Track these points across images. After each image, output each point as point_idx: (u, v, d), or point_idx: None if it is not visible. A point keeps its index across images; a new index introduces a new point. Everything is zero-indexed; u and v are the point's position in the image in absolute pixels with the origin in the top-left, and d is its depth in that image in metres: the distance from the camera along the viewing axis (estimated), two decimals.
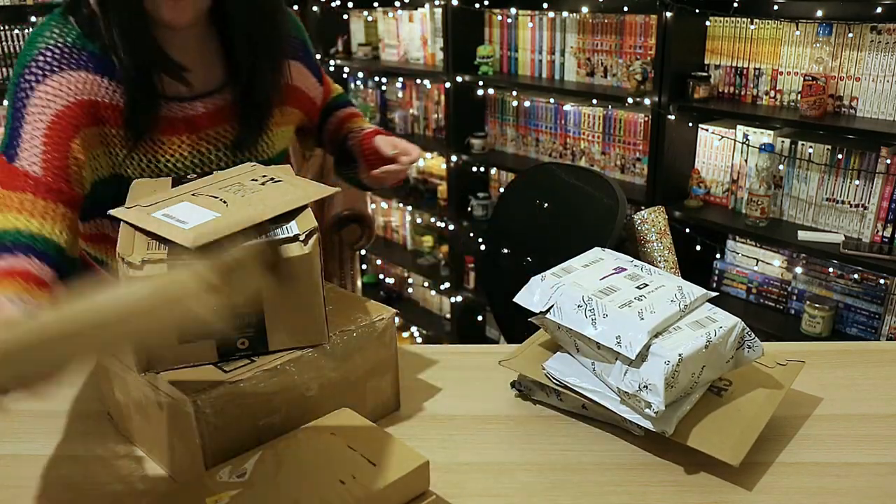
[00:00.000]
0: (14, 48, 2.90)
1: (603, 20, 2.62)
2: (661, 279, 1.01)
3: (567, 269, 1.05)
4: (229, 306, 0.64)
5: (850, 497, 0.88)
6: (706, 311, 0.97)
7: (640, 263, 1.05)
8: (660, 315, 0.92)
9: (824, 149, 2.18)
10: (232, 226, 0.88)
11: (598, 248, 1.11)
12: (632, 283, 0.99)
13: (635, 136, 2.62)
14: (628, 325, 0.91)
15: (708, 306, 0.99)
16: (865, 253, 2.04)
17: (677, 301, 0.95)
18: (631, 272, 1.03)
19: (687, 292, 0.97)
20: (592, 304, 0.95)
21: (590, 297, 0.96)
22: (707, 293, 0.99)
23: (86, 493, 0.91)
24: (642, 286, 0.99)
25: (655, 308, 0.94)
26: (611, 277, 1.01)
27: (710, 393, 0.97)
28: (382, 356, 1.03)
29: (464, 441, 1.00)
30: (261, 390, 0.89)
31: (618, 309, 0.94)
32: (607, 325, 0.92)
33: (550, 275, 1.03)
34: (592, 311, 0.94)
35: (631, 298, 0.96)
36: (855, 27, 2.06)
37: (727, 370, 0.97)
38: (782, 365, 1.03)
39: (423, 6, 3.18)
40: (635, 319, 0.92)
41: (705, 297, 0.99)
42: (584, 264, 1.05)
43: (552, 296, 0.99)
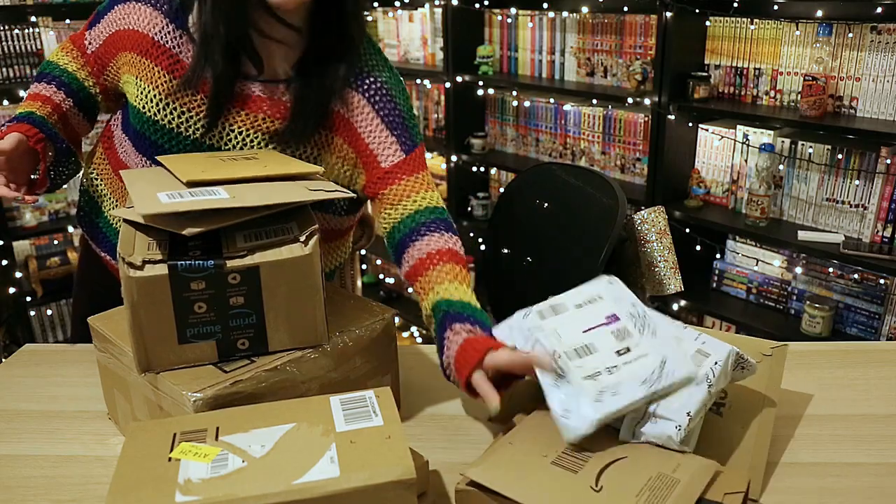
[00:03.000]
0: (14, 48, 2.90)
1: (603, 20, 2.62)
2: (649, 345, 0.90)
3: (558, 307, 0.95)
4: None
5: (850, 497, 0.88)
6: (696, 344, 0.93)
7: (639, 311, 0.94)
8: (621, 400, 0.85)
9: (824, 149, 2.18)
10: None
11: (606, 278, 1.00)
12: (614, 345, 0.90)
13: (635, 136, 2.62)
14: (582, 405, 0.85)
15: (694, 334, 0.95)
16: (865, 253, 2.04)
17: (649, 383, 0.86)
18: (621, 326, 0.92)
19: (667, 373, 0.87)
20: (561, 362, 0.88)
21: (561, 354, 0.89)
22: (689, 376, 0.87)
23: (86, 493, 0.91)
24: (624, 351, 0.89)
25: (621, 389, 0.86)
26: (596, 331, 0.91)
27: (710, 413, 0.96)
28: (382, 356, 1.03)
29: (464, 441, 1.00)
30: (261, 390, 0.89)
31: (581, 380, 0.86)
32: (564, 394, 0.86)
33: (535, 313, 0.94)
34: (559, 370, 0.88)
35: (601, 368, 0.87)
36: (855, 27, 2.06)
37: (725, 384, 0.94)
38: (768, 355, 1.01)
39: (423, 6, 3.18)
40: (590, 400, 0.85)
41: (687, 381, 0.87)
42: (579, 303, 0.96)
43: (529, 339, 0.92)
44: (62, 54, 1.25)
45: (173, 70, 1.14)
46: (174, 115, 1.14)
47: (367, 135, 1.17)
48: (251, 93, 1.15)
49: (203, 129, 1.15)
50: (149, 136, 1.17)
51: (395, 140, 1.17)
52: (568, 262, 1.62)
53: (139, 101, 1.16)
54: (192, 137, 1.15)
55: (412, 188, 1.16)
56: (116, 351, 0.96)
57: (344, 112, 1.17)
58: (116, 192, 1.28)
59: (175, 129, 1.15)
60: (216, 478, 0.73)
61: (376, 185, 1.17)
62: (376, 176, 1.17)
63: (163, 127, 1.15)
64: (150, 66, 1.15)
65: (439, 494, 0.89)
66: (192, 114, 1.14)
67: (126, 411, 0.99)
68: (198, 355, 0.91)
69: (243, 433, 0.79)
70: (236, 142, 1.15)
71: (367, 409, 0.83)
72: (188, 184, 0.93)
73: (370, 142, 1.17)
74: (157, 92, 1.14)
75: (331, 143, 1.18)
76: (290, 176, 0.99)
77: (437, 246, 1.10)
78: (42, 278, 3.13)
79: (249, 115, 1.15)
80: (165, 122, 1.15)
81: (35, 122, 1.14)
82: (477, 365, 0.92)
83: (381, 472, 0.73)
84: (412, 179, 1.17)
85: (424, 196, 1.16)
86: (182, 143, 1.16)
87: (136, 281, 0.85)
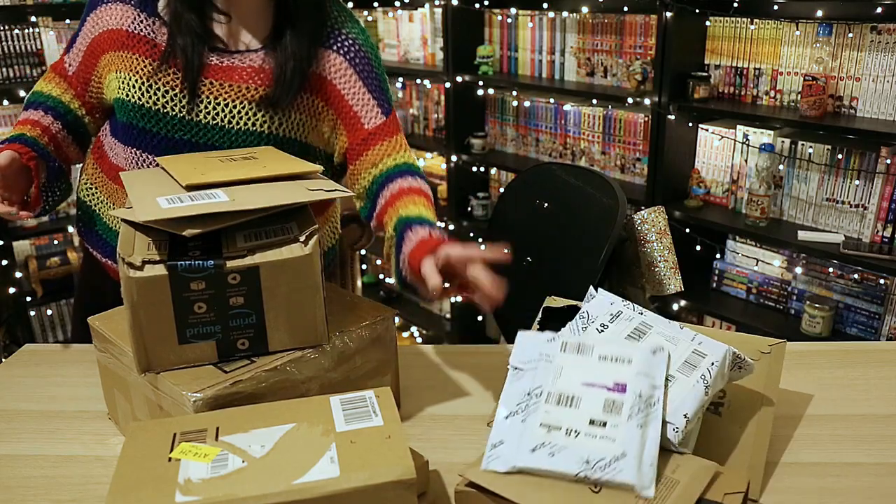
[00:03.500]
0: (14, 48, 2.90)
1: (603, 20, 2.62)
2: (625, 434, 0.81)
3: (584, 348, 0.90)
4: None
5: (850, 497, 0.88)
6: (693, 344, 0.92)
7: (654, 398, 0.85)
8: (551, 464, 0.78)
9: (824, 149, 2.18)
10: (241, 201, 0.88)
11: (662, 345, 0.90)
12: (597, 412, 0.83)
13: (635, 136, 2.62)
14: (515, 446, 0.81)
15: (690, 334, 0.94)
16: (865, 253, 2.04)
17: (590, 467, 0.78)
18: (618, 400, 0.84)
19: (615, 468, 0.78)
20: (536, 401, 0.85)
21: (544, 392, 0.85)
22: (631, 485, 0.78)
23: (86, 493, 0.91)
24: (599, 424, 0.82)
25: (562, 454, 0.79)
26: (595, 389, 0.85)
27: (708, 412, 0.95)
28: (382, 356, 1.03)
29: (464, 441, 1.00)
30: (261, 390, 0.89)
31: (536, 425, 0.82)
32: (508, 426, 0.83)
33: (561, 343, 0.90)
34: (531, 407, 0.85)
35: (564, 426, 0.82)
36: (855, 27, 2.06)
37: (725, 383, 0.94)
38: (767, 353, 1.01)
39: (423, 6, 3.18)
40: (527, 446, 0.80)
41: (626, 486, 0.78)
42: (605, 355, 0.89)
43: (538, 358, 0.90)
44: (45, 83, 1.28)
45: (152, 55, 1.17)
46: (157, 95, 1.16)
47: (351, 97, 1.21)
48: (232, 64, 1.18)
49: (186, 104, 1.16)
50: (136, 125, 1.19)
51: (375, 103, 1.22)
52: (568, 262, 1.62)
53: (122, 91, 1.18)
54: (178, 116, 1.17)
55: (392, 149, 1.22)
56: (116, 351, 0.96)
57: (324, 73, 1.21)
58: (113, 197, 1.29)
59: (161, 109, 1.17)
60: (216, 478, 0.73)
61: (359, 147, 1.22)
62: (360, 137, 1.21)
63: (148, 110, 1.17)
64: (129, 56, 1.18)
65: (439, 494, 0.89)
66: (176, 91, 1.16)
67: (126, 411, 0.99)
68: (198, 355, 0.91)
69: (243, 433, 0.79)
70: (224, 114, 1.17)
71: (367, 409, 0.83)
72: (187, 188, 0.93)
73: (353, 104, 1.22)
74: (137, 77, 1.17)
75: (314, 105, 1.21)
76: (290, 175, 0.99)
77: (405, 185, 1.17)
78: (42, 278, 3.13)
79: (233, 87, 1.17)
80: (150, 105, 1.17)
81: (26, 142, 1.17)
82: (429, 252, 0.98)
83: (381, 472, 0.73)
84: (392, 141, 1.22)
85: (402, 156, 1.23)
86: (170, 124, 1.17)
87: (136, 281, 0.85)
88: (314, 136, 1.24)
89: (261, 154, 1.10)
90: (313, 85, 1.20)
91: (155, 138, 1.18)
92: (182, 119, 1.17)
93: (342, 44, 1.21)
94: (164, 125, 1.17)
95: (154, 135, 1.18)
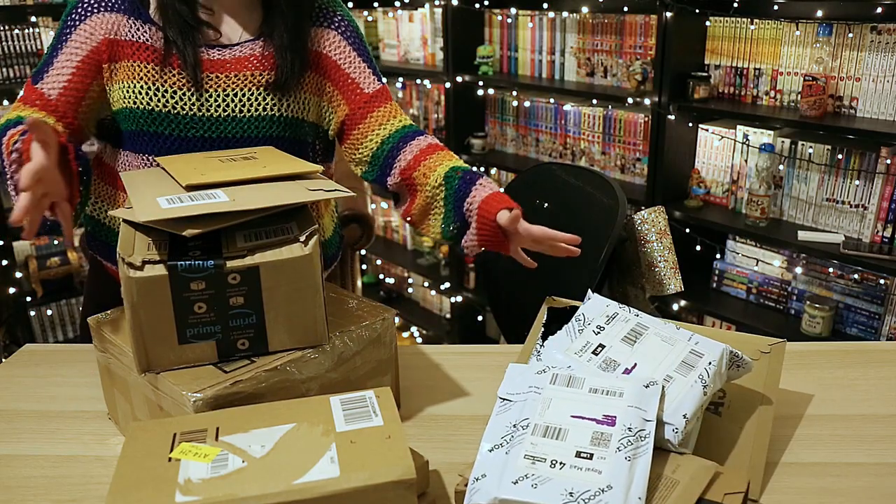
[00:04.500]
0: (14, 48, 2.90)
1: (603, 20, 2.62)
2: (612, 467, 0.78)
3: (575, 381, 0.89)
4: None
5: (850, 497, 0.88)
6: (689, 344, 0.92)
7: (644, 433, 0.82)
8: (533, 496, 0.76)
9: (824, 149, 2.18)
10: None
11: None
12: (584, 444, 0.81)
13: (635, 136, 2.62)
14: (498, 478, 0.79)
15: (687, 335, 0.94)
16: (865, 253, 2.04)
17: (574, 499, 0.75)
18: (607, 433, 0.82)
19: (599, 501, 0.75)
20: (522, 433, 0.83)
21: (530, 424, 0.84)
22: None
23: (86, 493, 0.91)
24: (586, 456, 0.80)
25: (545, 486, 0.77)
26: (583, 422, 0.83)
27: (708, 412, 0.95)
28: (382, 356, 1.03)
29: (464, 441, 1.00)
30: (261, 390, 0.89)
31: (520, 457, 0.80)
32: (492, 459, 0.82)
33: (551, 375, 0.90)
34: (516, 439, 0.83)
35: (549, 457, 0.80)
36: (855, 27, 2.06)
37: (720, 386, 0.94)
38: (766, 353, 1.01)
39: (423, 6, 3.17)
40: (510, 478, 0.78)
41: None
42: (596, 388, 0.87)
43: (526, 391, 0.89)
44: (15, 112, 1.15)
45: (153, 59, 1.17)
46: (165, 97, 1.17)
47: (348, 65, 1.26)
48: (233, 56, 1.20)
49: (196, 100, 1.17)
50: (147, 130, 1.18)
51: (370, 71, 1.28)
52: (568, 262, 1.62)
53: (129, 99, 1.17)
54: (189, 114, 1.18)
55: (392, 113, 1.28)
56: (116, 351, 0.96)
57: (320, 48, 1.25)
58: None
59: (171, 110, 1.17)
60: (216, 478, 0.73)
61: (360, 111, 1.26)
62: (362, 101, 1.26)
63: (158, 113, 1.17)
64: (130, 64, 1.17)
65: (439, 494, 0.89)
66: (184, 90, 1.17)
67: (126, 411, 0.99)
68: (198, 355, 0.91)
69: (243, 433, 0.79)
70: (234, 103, 1.19)
71: (367, 409, 0.83)
72: (187, 188, 0.93)
73: (350, 71, 1.26)
74: (142, 83, 1.17)
75: (317, 83, 1.25)
76: (290, 176, 0.99)
77: (430, 142, 1.27)
78: (42, 278, 3.13)
79: (239, 76, 1.19)
80: (160, 108, 1.17)
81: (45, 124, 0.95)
82: (506, 206, 1.09)
83: (381, 472, 0.73)
84: (390, 105, 1.28)
85: (406, 119, 1.30)
86: (181, 124, 1.18)
87: (136, 281, 0.85)
88: (314, 111, 1.27)
89: (261, 154, 1.10)
90: (314, 62, 1.25)
91: (167, 140, 1.18)
92: (193, 116, 1.17)
93: (333, 20, 1.27)
94: (176, 126, 1.17)
95: (166, 137, 1.18)
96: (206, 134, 1.18)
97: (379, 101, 1.27)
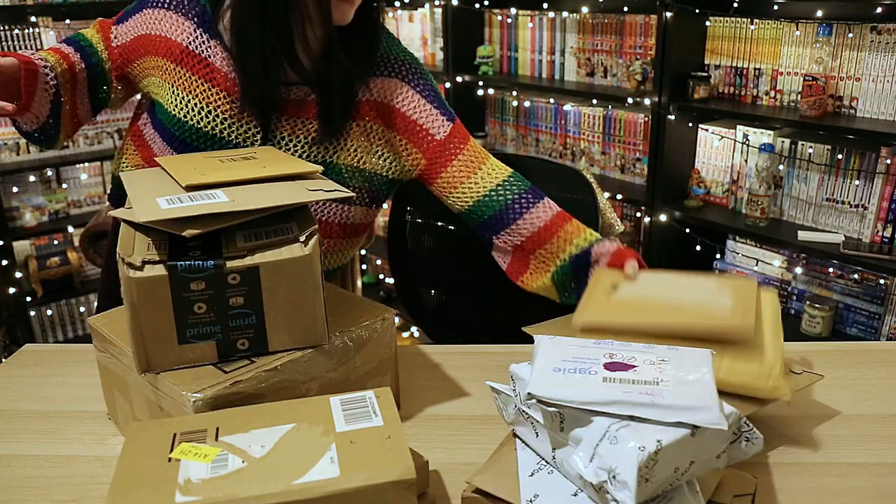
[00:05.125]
0: (14, 48, 2.90)
1: (603, 20, 2.62)
2: None
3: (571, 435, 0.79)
4: None
5: (850, 497, 0.88)
6: None
7: None
8: None
9: (824, 149, 2.18)
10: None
11: None
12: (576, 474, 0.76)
13: (635, 136, 2.62)
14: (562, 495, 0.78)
15: None
16: (865, 253, 2.04)
17: None
18: None
19: None
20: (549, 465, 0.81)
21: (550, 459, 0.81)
22: None
23: (86, 493, 0.91)
24: None
25: None
26: None
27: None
28: (382, 356, 1.03)
29: (464, 441, 1.00)
30: (261, 390, 0.89)
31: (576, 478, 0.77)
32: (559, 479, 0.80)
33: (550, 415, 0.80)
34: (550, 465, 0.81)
35: None
36: (855, 27, 2.06)
37: (718, 465, 0.78)
38: (797, 373, 0.99)
39: (423, 6, 3.17)
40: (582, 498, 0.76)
41: None
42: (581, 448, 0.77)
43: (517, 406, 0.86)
44: (91, 30, 1.24)
45: (211, 79, 1.15)
46: (217, 121, 1.16)
47: (414, 112, 1.21)
48: (291, 97, 1.17)
49: (243, 131, 1.16)
50: (187, 140, 1.18)
51: (438, 112, 1.22)
52: None
53: (177, 108, 1.16)
54: (236, 142, 1.17)
55: (474, 159, 1.22)
56: (116, 351, 0.96)
57: (382, 98, 1.20)
58: None
59: (218, 134, 1.16)
60: (216, 478, 0.73)
61: (440, 158, 1.21)
62: (436, 151, 1.21)
63: (206, 133, 1.16)
64: (185, 74, 1.16)
65: (439, 495, 0.89)
66: (235, 121, 1.16)
67: (126, 411, 0.99)
68: (198, 355, 0.91)
69: (243, 433, 0.79)
70: (279, 145, 1.18)
71: (367, 409, 0.83)
72: (187, 188, 0.93)
73: (418, 118, 1.21)
74: (197, 101, 1.15)
75: (359, 129, 1.20)
76: (290, 176, 0.99)
77: (545, 216, 1.21)
78: (42, 278, 3.13)
79: (289, 121, 1.18)
80: (209, 129, 1.16)
81: (48, 65, 1.13)
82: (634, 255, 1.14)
83: (381, 472, 0.73)
84: (469, 149, 1.22)
85: (492, 167, 1.23)
86: (226, 146, 1.17)
87: (136, 281, 0.85)
88: (372, 161, 1.23)
89: (261, 154, 1.10)
90: (366, 111, 1.20)
91: (201, 150, 1.18)
92: (238, 144, 1.17)
93: (399, 68, 1.22)
94: (217, 145, 1.17)
95: (203, 150, 1.18)
96: None
97: (451, 152, 1.22)
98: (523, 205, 1.21)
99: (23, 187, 3.09)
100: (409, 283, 1.82)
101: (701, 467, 0.75)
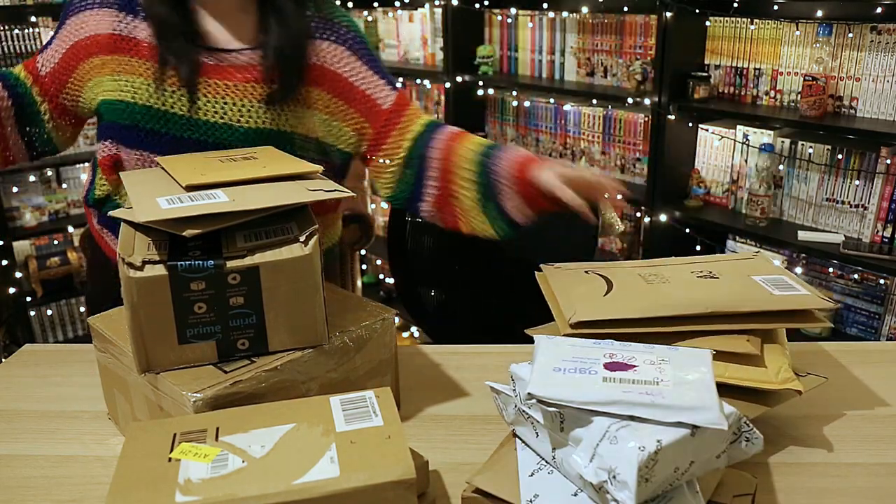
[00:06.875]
0: (14, 48, 2.90)
1: (603, 20, 2.62)
2: None
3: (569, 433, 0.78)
4: None
5: (850, 497, 0.88)
6: None
7: None
8: None
9: (824, 149, 2.18)
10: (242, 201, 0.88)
11: None
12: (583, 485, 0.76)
13: (635, 136, 2.62)
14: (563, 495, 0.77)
15: None
16: (865, 253, 2.04)
17: None
18: None
19: None
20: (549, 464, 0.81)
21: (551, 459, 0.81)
22: None
23: (86, 493, 0.91)
24: None
25: None
26: None
27: None
28: (382, 356, 1.03)
29: (464, 441, 1.00)
30: (261, 390, 0.89)
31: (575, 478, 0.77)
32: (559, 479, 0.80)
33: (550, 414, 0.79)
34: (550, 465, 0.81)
35: None
36: (855, 27, 2.06)
37: (718, 465, 0.77)
38: (801, 376, 0.98)
39: (423, 6, 3.18)
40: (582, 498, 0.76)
41: None
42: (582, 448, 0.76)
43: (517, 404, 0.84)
44: (19, 68, 1.26)
45: (150, 56, 1.17)
46: (165, 95, 1.17)
47: (360, 82, 1.24)
48: (230, 63, 1.19)
49: (188, 102, 1.17)
50: (143, 126, 1.18)
51: (383, 81, 1.26)
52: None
53: (125, 93, 1.17)
54: (185, 115, 1.17)
55: (412, 119, 1.26)
56: (116, 351, 0.96)
57: (326, 64, 1.22)
58: None
59: (169, 109, 1.17)
60: (216, 478, 0.73)
61: (384, 129, 1.24)
62: (383, 118, 1.24)
63: (157, 111, 1.17)
64: (121, 58, 1.18)
65: (439, 494, 0.89)
66: (183, 91, 1.17)
67: (126, 411, 0.99)
68: (198, 355, 0.91)
69: (243, 433, 0.79)
70: (231, 112, 1.18)
71: (367, 409, 0.83)
72: (187, 188, 0.93)
73: (365, 87, 1.24)
74: (143, 79, 1.17)
75: (321, 98, 1.22)
76: (290, 176, 0.99)
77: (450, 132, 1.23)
78: (42, 278, 3.13)
79: (238, 86, 1.18)
80: (158, 105, 1.17)
81: None
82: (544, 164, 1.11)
83: (381, 472, 0.73)
84: (409, 112, 1.26)
85: (422, 120, 1.27)
86: (178, 123, 1.18)
87: (136, 281, 0.85)
88: (323, 129, 1.25)
89: (261, 154, 1.10)
90: (317, 77, 1.22)
91: (163, 139, 1.18)
92: (189, 118, 1.17)
93: (341, 34, 1.24)
94: (173, 125, 1.18)
95: (162, 135, 1.18)
96: (203, 137, 1.18)
97: (397, 116, 1.25)
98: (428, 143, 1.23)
99: (23, 187, 3.10)
100: (409, 283, 1.83)
101: (701, 467, 0.75)
